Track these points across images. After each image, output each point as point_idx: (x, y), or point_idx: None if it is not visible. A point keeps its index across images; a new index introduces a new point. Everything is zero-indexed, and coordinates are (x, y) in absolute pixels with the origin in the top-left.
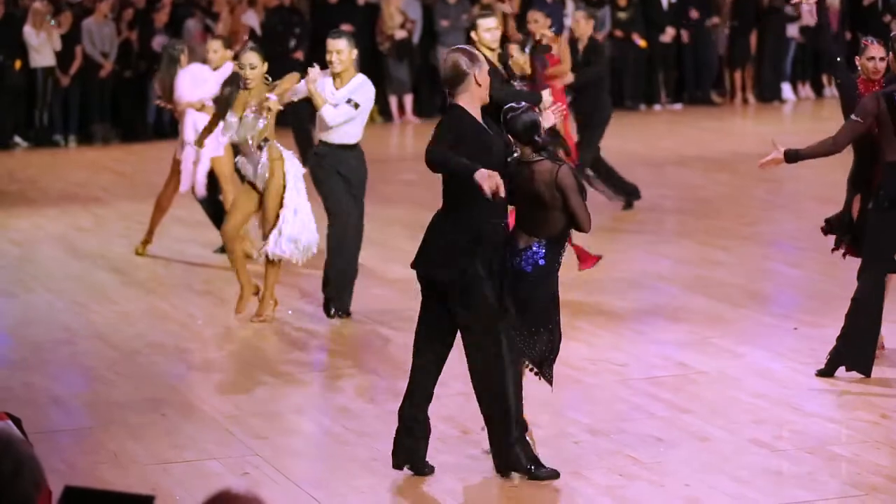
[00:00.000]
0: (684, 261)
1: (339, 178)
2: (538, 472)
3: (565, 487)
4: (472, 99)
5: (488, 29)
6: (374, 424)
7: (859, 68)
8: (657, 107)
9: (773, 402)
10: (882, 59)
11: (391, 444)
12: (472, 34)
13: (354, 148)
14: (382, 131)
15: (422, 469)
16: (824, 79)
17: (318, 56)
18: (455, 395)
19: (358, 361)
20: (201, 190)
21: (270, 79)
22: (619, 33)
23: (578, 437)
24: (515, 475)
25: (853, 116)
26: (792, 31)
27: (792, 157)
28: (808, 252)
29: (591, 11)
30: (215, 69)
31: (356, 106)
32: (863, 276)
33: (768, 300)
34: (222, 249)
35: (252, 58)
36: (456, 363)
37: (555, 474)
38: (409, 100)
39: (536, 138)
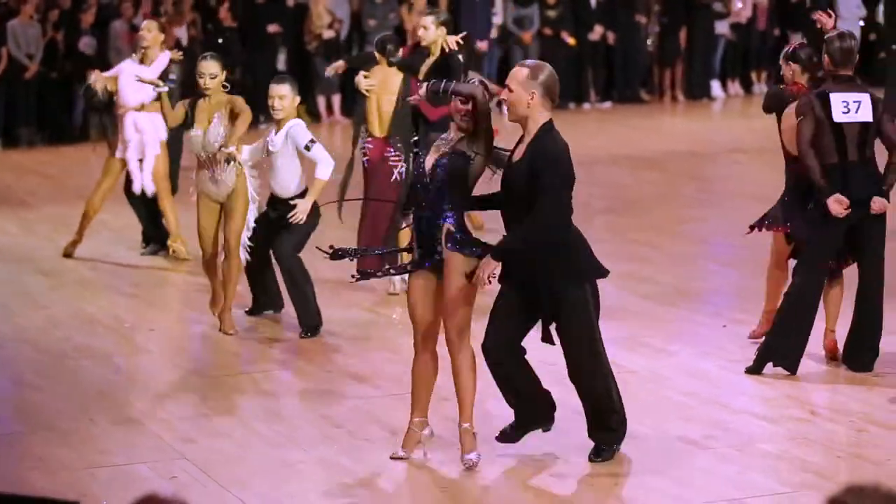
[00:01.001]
0: (614, 259)
1: None
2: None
3: (494, 487)
4: None
5: (422, 26)
6: (304, 427)
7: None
8: (586, 105)
9: (702, 401)
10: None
11: (321, 447)
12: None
13: None
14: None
15: None
16: (753, 76)
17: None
18: (384, 397)
19: (288, 364)
20: (151, 187)
21: (229, 86)
22: (548, 31)
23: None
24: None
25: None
26: (721, 28)
27: (823, 192)
28: (739, 250)
29: (443, 16)
30: (146, 49)
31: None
32: (798, 274)
33: (698, 298)
34: (152, 252)
35: (212, 66)
36: (382, 363)
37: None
38: (337, 100)
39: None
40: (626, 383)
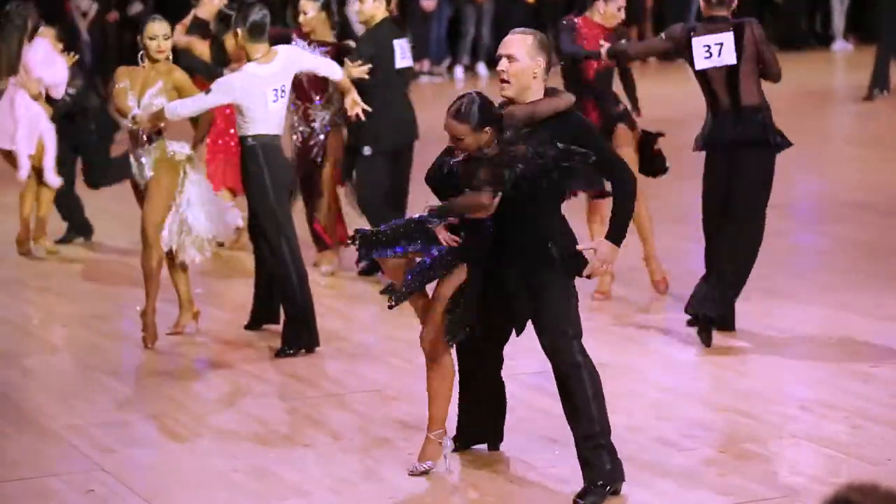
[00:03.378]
0: (579, 240)
1: None
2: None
3: (452, 498)
4: None
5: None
6: (236, 433)
7: (600, 13)
8: None
9: (680, 396)
10: (622, 9)
11: (255, 453)
12: None
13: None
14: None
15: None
16: None
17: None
18: (324, 398)
19: (215, 363)
20: (56, 179)
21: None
22: None
23: None
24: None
25: (662, 34)
26: None
27: (612, 53)
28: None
29: None
30: None
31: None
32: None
33: (674, 282)
34: (67, 240)
35: (165, 27)
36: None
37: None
38: None
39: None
40: None
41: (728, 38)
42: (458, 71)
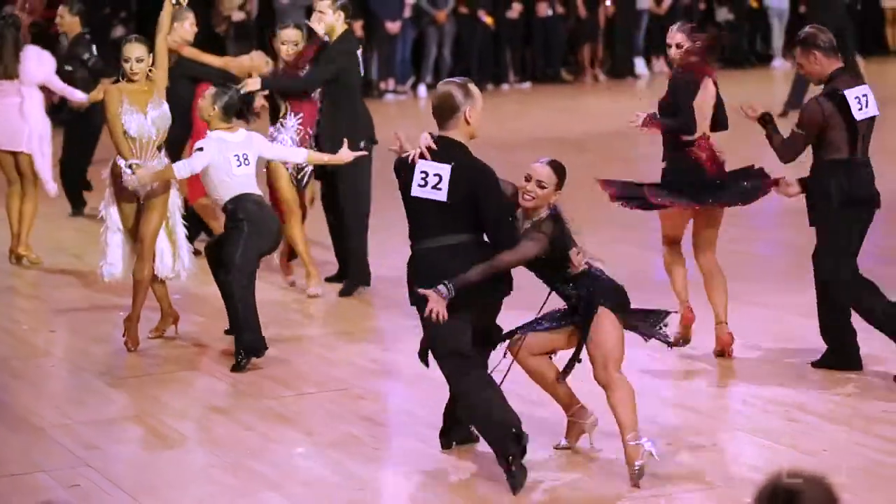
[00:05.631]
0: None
1: None
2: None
3: (418, 491)
4: (463, 135)
5: (318, 11)
6: (214, 430)
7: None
8: (505, 86)
9: None
10: (679, 45)
11: (232, 449)
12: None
13: None
14: None
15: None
16: None
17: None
18: (298, 397)
19: (196, 364)
20: (54, 187)
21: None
22: (464, 10)
23: (425, 435)
24: None
25: (796, 128)
26: (643, 2)
27: (766, 121)
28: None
29: None
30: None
31: None
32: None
33: (625, 286)
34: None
35: (139, 50)
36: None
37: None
38: None
39: None
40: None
41: (868, 89)
42: (422, 89)
